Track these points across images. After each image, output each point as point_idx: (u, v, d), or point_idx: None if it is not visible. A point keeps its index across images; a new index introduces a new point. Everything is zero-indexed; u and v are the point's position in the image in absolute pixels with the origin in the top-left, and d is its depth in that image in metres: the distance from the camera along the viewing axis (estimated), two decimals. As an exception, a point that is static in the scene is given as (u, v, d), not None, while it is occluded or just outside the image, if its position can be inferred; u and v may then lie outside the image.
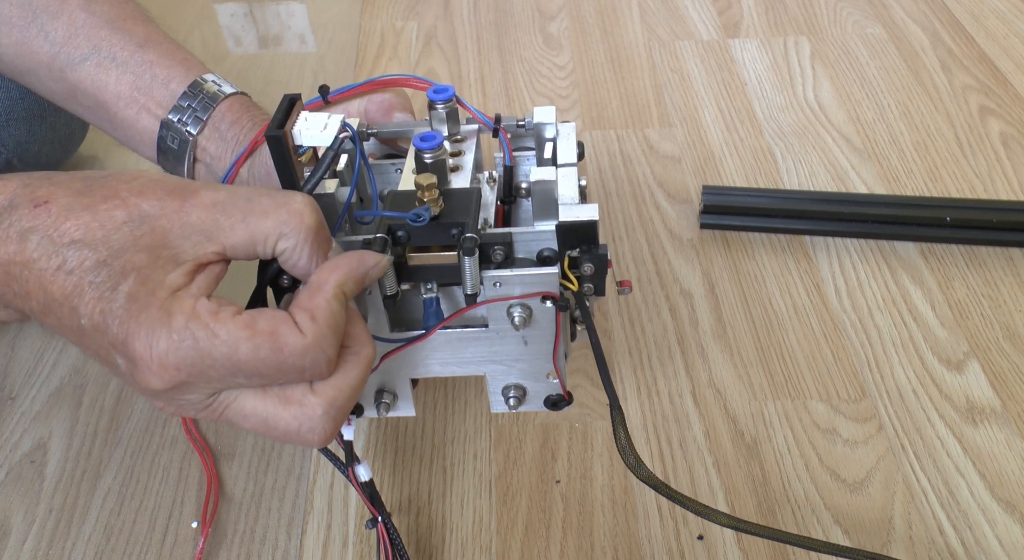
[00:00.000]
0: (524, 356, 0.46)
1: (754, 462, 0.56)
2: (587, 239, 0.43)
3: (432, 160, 0.44)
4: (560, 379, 0.47)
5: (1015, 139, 0.81)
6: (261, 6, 1.08)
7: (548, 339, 0.45)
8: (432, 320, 0.44)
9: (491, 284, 0.43)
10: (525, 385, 0.48)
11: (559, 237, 0.43)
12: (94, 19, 0.51)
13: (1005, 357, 0.62)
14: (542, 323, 0.44)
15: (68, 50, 0.51)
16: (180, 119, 0.51)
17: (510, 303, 0.44)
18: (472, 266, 0.41)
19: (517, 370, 0.47)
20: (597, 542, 0.53)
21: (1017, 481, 0.55)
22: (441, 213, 0.42)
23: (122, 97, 0.51)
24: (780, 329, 0.65)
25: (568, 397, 0.48)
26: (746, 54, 0.94)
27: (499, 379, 0.48)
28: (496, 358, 0.47)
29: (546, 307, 0.44)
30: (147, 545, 0.53)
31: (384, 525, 0.47)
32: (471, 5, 1.05)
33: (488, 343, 0.46)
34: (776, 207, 0.72)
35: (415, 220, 0.40)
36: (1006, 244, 0.70)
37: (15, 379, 0.63)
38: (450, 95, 0.48)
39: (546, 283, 0.43)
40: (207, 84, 0.51)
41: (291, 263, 0.38)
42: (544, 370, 0.47)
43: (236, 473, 0.57)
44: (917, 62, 0.92)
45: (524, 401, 0.48)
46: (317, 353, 0.36)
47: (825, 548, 0.45)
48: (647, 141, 0.83)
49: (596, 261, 0.43)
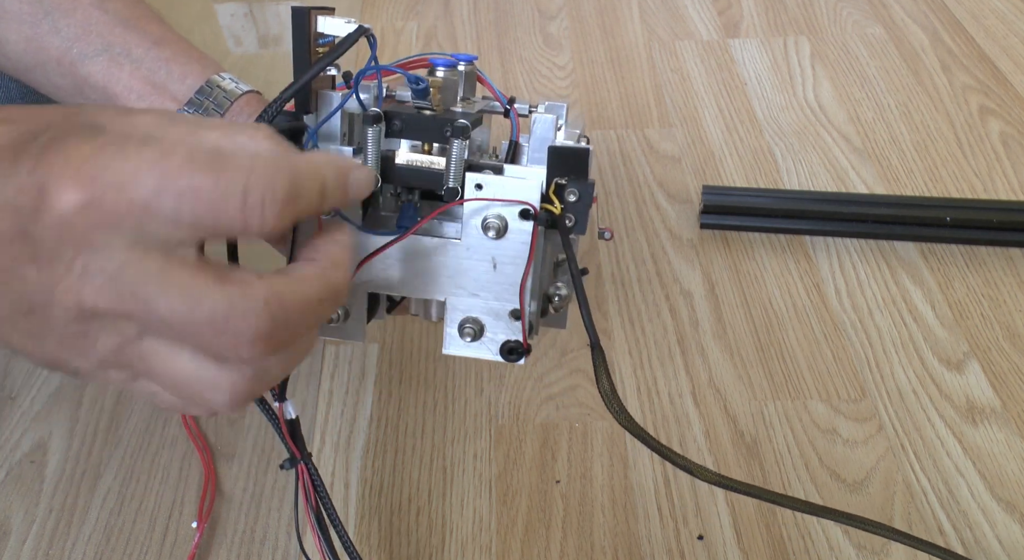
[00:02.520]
0: (491, 284, 0.44)
1: (754, 462, 0.56)
2: (577, 169, 0.43)
3: (445, 75, 0.44)
4: (523, 320, 0.44)
5: (1015, 139, 0.81)
6: (261, 6, 1.08)
7: (519, 262, 0.43)
8: (407, 221, 0.43)
9: (473, 185, 0.42)
10: (484, 321, 0.45)
11: (549, 160, 0.43)
12: (108, 17, 0.51)
13: (1005, 357, 0.62)
14: (516, 243, 0.43)
15: (81, 46, 0.51)
16: (195, 113, 0.51)
17: (486, 215, 0.42)
18: (459, 153, 0.41)
19: (480, 302, 0.44)
20: (597, 542, 0.53)
21: (1017, 481, 0.55)
22: (438, 113, 0.42)
23: (134, 91, 0.51)
24: (780, 329, 0.65)
25: (527, 348, 0.44)
26: (746, 54, 0.94)
27: (459, 309, 0.45)
28: (461, 282, 0.44)
29: (523, 225, 0.42)
30: (147, 545, 0.53)
31: (305, 465, 0.45)
32: (471, 5, 1.05)
33: (456, 258, 0.43)
34: (776, 207, 0.72)
35: (415, 83, 0.40)
36: (1006, 244, 0.70)
37: (15, 379, 0.63)
38: (473, 58, 0.48)
39: (528, 192, 0.42)
40: (224, 81, 0.52)
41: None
42: (509, 306, 0.44)
43: (236, 473, 0.57)
44: (917, 62, 0.92)
45: (479, 338, 0.45)
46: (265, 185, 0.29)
47: (806, 508, 0.43)
48: (647, 141, 0.83)
49: (582, 189, 0.43)
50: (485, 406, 0.60)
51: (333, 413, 0.60)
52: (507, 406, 0.60)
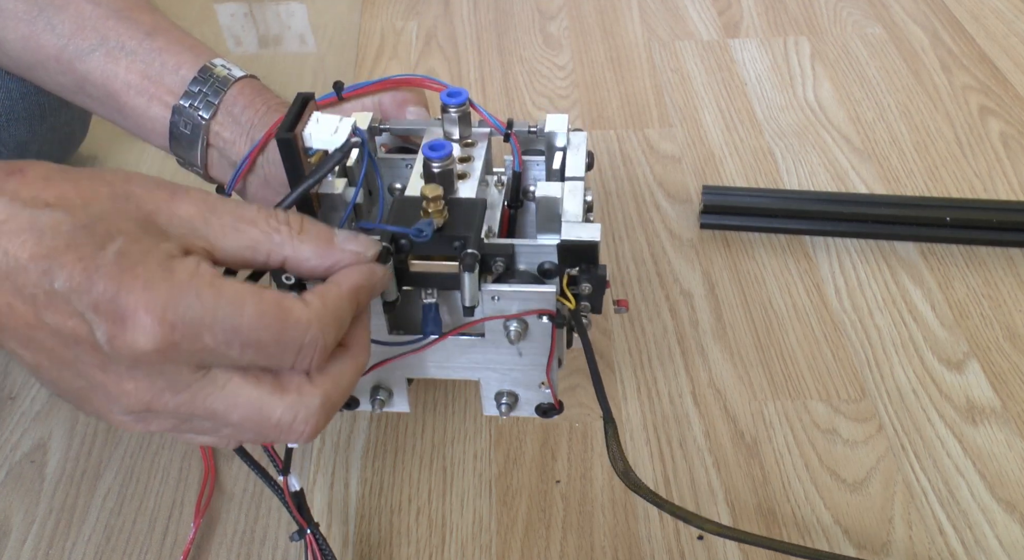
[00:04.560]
0: (518, 366, 0.47)
1: (754, 462, 0.56)
2: (587, 258, 0.44)
3: (440, 170, 0.44)
4: (552, 389, 0.48)
5: (1015, 139, 0.81)
6: (261, 6, 1.08)
7: (543, 352, 0.46)
8: (430, 326, 0.45)
9: (489, 298, 0.43)
10: (518, 392, 0.49)
11: (560, 255, 0.44)
12: (100, 10, 0.51)
13: (1005, 357, 0.62)
14: (537, 337, 0.45)
15: (76, 42, 0.51)
16: (191, 104, 0.51)
17: (506, 324, 0.44)
18: (471, 281, 0.42)
19: (510, 378, 0.48)
20: (597, 542, 0.53)
21: (1017, 481, 0.55)
22: (445, 225, 0.42)
23: (132, 86, 0.51)
24: (780, 329, 0.65)
25: (559, 406, 0.49)
26: (746, 54, 0.94)
27: (492, 385, 0.49)
28: (490, 366, 0.47)
29: (543, 323, 0.44)
30: (147, 545, 0.53)
31: (313, 536, 0.47)
32: (471, 5, 1.05)
33: (483, 351, 0.47)
34: (776, 207, 0.72)
35: (417, 235, 0.40)
36: (1006, 244, 0.70)
37: (15, 379, 0.63)
38: (464, 99, 0.48)
39: (544, 301, 0.43)
40: (217, 68, 0.51)
41: (297, 267, 0.37)
42: (537, 380, 0.48)
43: (236, 472, 0.57)
44: (917, 62, 0.92)
45: (516, 408, 0.49)
46: (317, 332, 0.34)
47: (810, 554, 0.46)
48: (647, 141, 0.83)
49: (595, 282, 0.44)
50: (485, 406, 0.60)
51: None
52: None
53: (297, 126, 0.42)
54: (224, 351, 0.33)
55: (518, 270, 0.45)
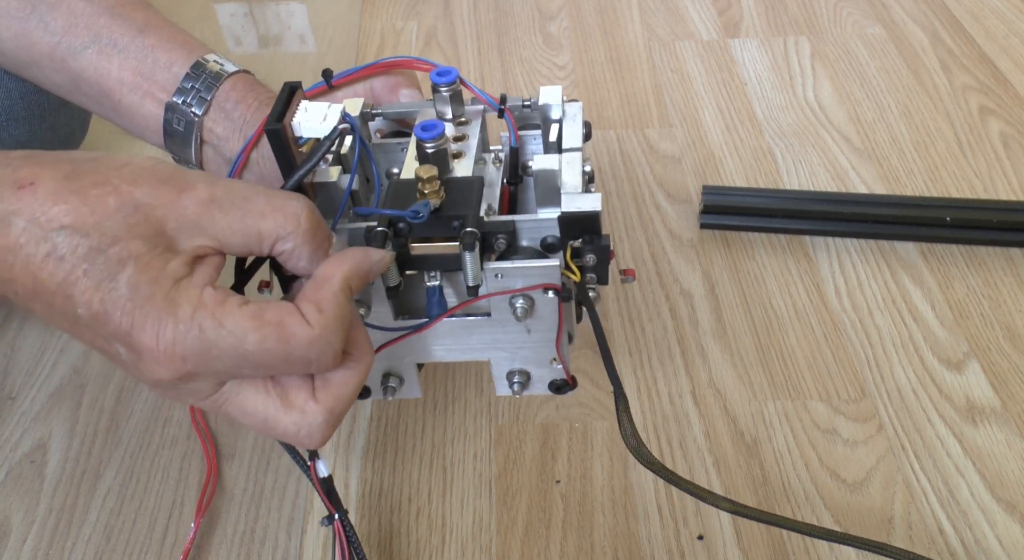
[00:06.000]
0: (527, 343, 0.46)
1: (754, 462, 0.56)
2: (590, 229, 0.43)
3: (434, 150, 0.44)
4: (564, 365, 0.47)
5: (1015, 139, 0.81)
6: (261, 6, 1.08)
7: (551, 328, 0.45)
8: (435, 309, 0.44)
9: (493, 276, 0.43)
10: (529, 370, 0.48)
11: (561, 228, 0.43)
12: (93, 7, 0.51)
13: (1005, 357, 0.62)
14: (544, 313, 0.44)
15: (69, 39, 0.51)
16: (184, 101, 0.50)
17: (512, 300, 0.43)
18: (473, 260, 0.41)
19: (521, 356, 0.47)
20: (597, 542, 0.53)
21: (1017, 481, 0.55)
22: (442, 205, 0.42)
23: (125, 83, 0.51)
24: (780, 329, 0.65)
25: (572, 382, 0.48)
26: (746, 54, 0.94)
27: (503, 365, 0.48)
28: (499, 345, 0.47)
29: (548, 298, 0.43)
30: (147, 545, 0.53)
31: (340, 522, 0.47)
32: (471, 5, 1.05)
33: (491, 331, 0.46)
34: (776, 207, 0.72)
35: (414, 217, 0.40)
36: (1006, 244, 0.70)
37: (15, 379, 0.63)
38: (454, 77, 0.47)
39: (548, 275, 0.43)
40: (209, 64, 0.51)
41: (291, 264, 0.38)
42: (548, 357, 0.47)
43: (236, 472, 0.57)
44: (917, 62, 0.92)
45: (528, 386, 0.48)
46: (324, 345, 0.36)
47: (822, 534, 0.45)
48: (647, 141, 0.83)
49: (599, 252, 0.43)
50: (485, 406, 0.60)
51: (333, 413, 0.60)
52: (507, 406, 0.60)
53: (285, 116, 0.42)
54: (237, 371, 0.36)
55: (521, 247, 0.44)
